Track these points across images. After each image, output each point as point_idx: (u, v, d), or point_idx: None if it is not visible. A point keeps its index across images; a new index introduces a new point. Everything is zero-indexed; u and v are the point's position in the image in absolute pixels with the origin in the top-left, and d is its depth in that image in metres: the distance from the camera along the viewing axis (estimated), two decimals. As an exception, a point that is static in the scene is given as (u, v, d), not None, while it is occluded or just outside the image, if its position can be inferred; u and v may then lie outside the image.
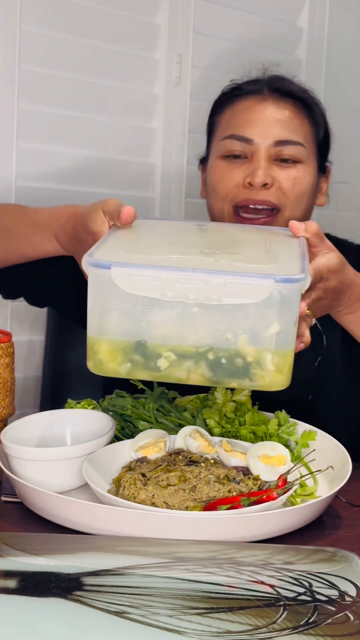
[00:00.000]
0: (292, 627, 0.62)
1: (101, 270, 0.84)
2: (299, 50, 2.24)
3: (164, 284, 0.84)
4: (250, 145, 1.30)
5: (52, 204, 1.81)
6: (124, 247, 0.93)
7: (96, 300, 0.87)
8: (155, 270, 0.84)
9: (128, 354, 0.87)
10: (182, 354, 0.87)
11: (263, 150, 1.29)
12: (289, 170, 1.30)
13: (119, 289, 0.84)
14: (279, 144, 1.29)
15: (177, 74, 1.97)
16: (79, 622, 0.62)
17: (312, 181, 1.33)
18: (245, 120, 1.31)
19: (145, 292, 0.84)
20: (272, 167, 1.30)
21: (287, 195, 1.30)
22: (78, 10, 1.81)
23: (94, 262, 0.85)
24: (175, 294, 0.84)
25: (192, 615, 0.63)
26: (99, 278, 0.85)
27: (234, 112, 1.34)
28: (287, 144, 1.30)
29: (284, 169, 1.30)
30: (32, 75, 1.75)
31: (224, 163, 1.32)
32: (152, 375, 0.88)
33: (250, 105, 1.32)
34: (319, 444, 1.04)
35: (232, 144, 1.31)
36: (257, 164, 1.29)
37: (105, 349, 0.88)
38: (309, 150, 1.33)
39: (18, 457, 0.95)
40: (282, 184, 1.30)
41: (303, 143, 1.31)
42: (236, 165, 1.31)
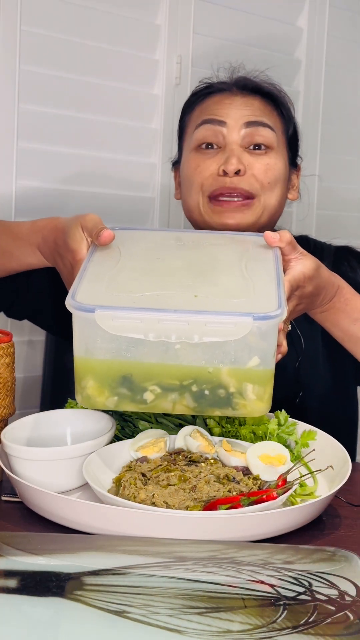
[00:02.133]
0: (292, 627, 0.62)
1: (85, 314, 0.87)
2: (298, 50, 2.24)
3: (147, 326, 0.86)
4: (222, 129, 1.31)
5: (52, 204, 1.82)
6: (105, 280, 0.95)
7: (81, 339, 0.90)
8: (137, 312, 0.86)
9: (115, 388, 0.91)
10: (167, 387, 0.91)
11: (235, 135, 1.31)
12: (261, 157, 1.32)
13: (103, 331, 0.87)
14: (250, 125, 1.31)
15: (177, 74, 1.97)
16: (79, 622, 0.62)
17: (284, 169, 1.35)
18: (215, 108, 1.33)
19: (129, 333, 0.87)
20: (244, 155, 1.31)
21: (261, 182, 1.31)
22: (78, 11, 1.81)
23: (78, 305, 0.88)
24: (158, 334, 0.87)
25: (192, 614, 0.63)
26: (83, 320, 0.88)
27: (203, 107, 1.36)
28: (257, 124, 1.31)
29: (256, 156, 1.32)
30: (32, 75, 1.75)
31: (197, 155, 1.34)
32: (139, 407, 0.92)
33: (220, 99, 1.35)
34: (318, 444, 1.05)
35: (205, 130, 1.33)
36: (229, 152, 1.30)
37: (92, 385, 0.91)
38: (279, 139, 1.35)
39: (18, 457, 0.95)
40: (255, 171, 1.31)
41: (273, 127, 1.33)
42: (209, 155, 1.32)
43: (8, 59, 1.70)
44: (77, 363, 0.91)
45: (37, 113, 1.77)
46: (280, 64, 2.19)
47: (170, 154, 1.99)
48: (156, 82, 1.97)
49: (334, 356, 1.37)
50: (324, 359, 1.39)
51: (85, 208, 1.87)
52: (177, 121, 2.00)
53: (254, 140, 1.32)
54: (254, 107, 1.34)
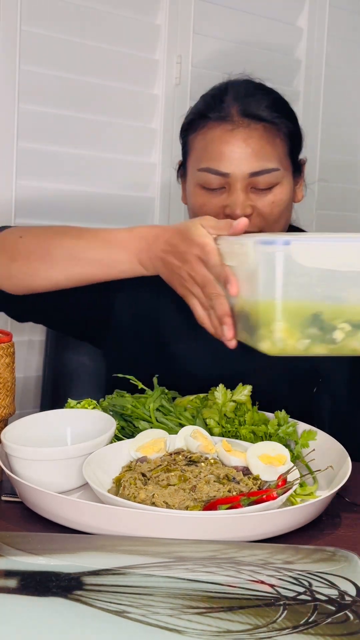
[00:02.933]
0: (292, 627, 0.62)
1: (278, 247, 0.87)
2: (298, 50, 2.25)
3: (342, 255, 0.87)
4: (226, 179, 1.29)
5: (52, 204, 1.82)
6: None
7: (271, 280, 0.88)
8: (334, 242, 0.88)
9: (305, 328, 0.89)
10: (357, 324, 0.90)
11: (239, 183, 1.28)
12: (267, 197, 1.30)
13: (297, 264, 0.87)
14: (254, 175, 1.28)
15: (177, 75, 1.97)
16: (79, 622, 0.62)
17: (289, 196, 1.34)
18: (218, 153, 1.29)
19: (323, 265, 0.87)
20: (249, 197, 1.29)
21: (267, 219, 1.31)
22: (78, 11, 1.81)
23: (270, 240, 0.88)
24: (353, 263, 0.87)
25: (192, 614, 0.63)
26: (274, 256, 0.88)
27: (206, 141, 1.32)
28: (262, 173, 1.28)
29: (262, 196, 1.30)
30: (32, 75, 1.75)
31: (203, 193, 1.32)
32: (329, 349, 0.91)
33: (221, 136, 1.30)
34: (318, 444, 1.05)
35: (207, 177, 1.30)
36: (235, 197, 1.28)
37: (283, 327, 0.89)
38: (285, 168, 1.33)
39: (18, 457, 0.95)
40: (262, 210, 1.30)
41: (278, 167, 1.30)
42: (214, 195, 1.31)
43: (8, 59, 1.70)
44: (262, 307, 0.89)
45: (37, 113, 1.77)
46: (280, 64, 2.19)
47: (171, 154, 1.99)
48: (156, 82, 1.97)
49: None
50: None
51: (85, 208, 1.88)
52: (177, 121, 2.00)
53: (259, 185, 1.29)
54: (257, 144, 1.29)
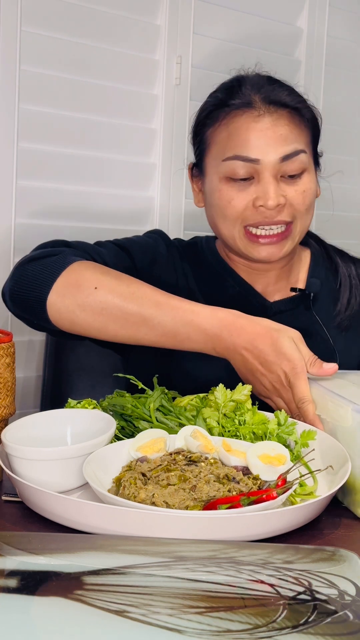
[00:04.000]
0: (292, 626, 0.62)
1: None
2: (298, 51, 2.25)
3: None
4: (256, 165, 1.25)
5: (51, 203, 1.82)
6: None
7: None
8: None
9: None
10: None
11: (270, 170, 1.25)
12: (298, 185, 1.28)
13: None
14: (285, 159, 1.26)
15: (177, 75, 1.98)
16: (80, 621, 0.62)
17: (315, 187, 1.33)
18: (245, 140, 1.26)
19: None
20: (281, 186, 1.26)
21: (299, 209, 1.29)
22: (78, 11, 1.81)
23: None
24: None
25: (192, 614, 0.63)
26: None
27: (229, 131, 1.28)
28: (292, 156, 1.26)
29: (293, 185, 1.27)
30: (32, 76, 1.75)
31: (229, 186, 1.27)
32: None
33: (247, 124, 1.27)
34: (318, 444, 1.05)
35: (235, 165, 1.26)
36: (267, 186, 1.25)
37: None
38: (310, 154, 1.31)
39: (18, 457, 0.95)
40: (293, 200, 1.27)
41: (305, 150, 1.29)
42: (243, 187, 1.27)
43: (8, 59, 1.71)
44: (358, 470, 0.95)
45: (37, 113, 1.77)
46: (280, 64, 2.19)
47: (171, 154, 1.99)
48: (156, 82, 1.97)
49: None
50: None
51: (85, 208, 1.88)
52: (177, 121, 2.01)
53: (289, 171, 1.27)
54: (284, 128, 1.27)
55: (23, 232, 1.78)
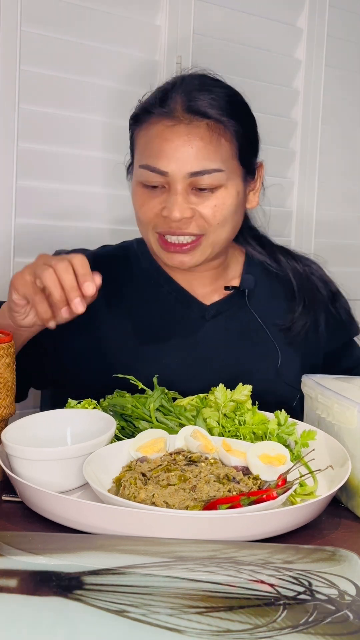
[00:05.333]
0: (292, 626, 0.62)
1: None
2: (298, 51, 2.25)
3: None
4: (165, 177, 1.23)
5: (52, 204, 1.82)
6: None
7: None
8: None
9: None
10: None
11: (179, 183, 1.22)
12: (209, 200, 1.23)
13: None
14: (194, 175, 1.22)
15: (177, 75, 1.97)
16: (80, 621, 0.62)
17: (235, 202, 1.26)
18: (158, 150, 1.22)
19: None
20: (190, 198, 1.23)
21: (210, 223, 1.24)
22: (78, 11, 1.81)
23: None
24: None
25: (192, 614, 0.63)
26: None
27: (148, 137, 1.25)
28: (203, 174, 1.22)
29: (203, 198, 1.23)
30: (32, 75, 1.75)
31: (143, 191, 1.26)
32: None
33: (161, 133, 1.23)
34: (318, 444, 1.05)
35: (147, 175, 1.24)
36: (173, 197, 1.22)
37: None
38: (230, 169, 1.25)
39: (18, 457, 0.95)
40: (203, 213, 1.24)
41: (221, 167, 1.23)
42: (155, 194, 1.25)
43: (8, 59, 1.70)
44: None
45: (37, 113, 1.77)
46: (280, 65, 2.19)
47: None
48: (156, 82, 1.96)
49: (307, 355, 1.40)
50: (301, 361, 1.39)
51: (85, 208, 1.88)
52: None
53: (199, 186, 1.23)
54: (198, 142, 1.22)
55: (23, 232, 1.78)
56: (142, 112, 1.29)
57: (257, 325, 1.37)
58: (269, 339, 1.36)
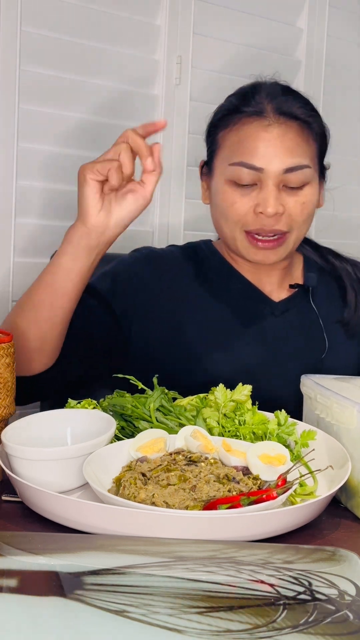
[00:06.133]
0: (292, 626, 0.62)
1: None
2: (298, 51, 2.25)
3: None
4: (259, 173, 1.29)
5: (51, 204, 1.82)
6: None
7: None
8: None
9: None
10: None
11: (272, 179, 1.29)
12: (298, 196, 1.31)
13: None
14: (288, 171, 1.29)
15: (177, 75, 1.98)
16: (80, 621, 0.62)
17: (316, 200, 1.35)
18: (253, 148, 1.30)
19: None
20: (281, 195, 1.30)
21: (296, 219, 1.32)
22: (78, 11, 1.81)
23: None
24: None
25: (192, 614, 0.63)
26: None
27: (239, 136, 1.32)
28: (295, 170, 1.29)
29: (293, 195, 1.31)
30: (32, 75, 1.75)
31: (233, 190, 1.32)
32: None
33: (256, 132, 1.31)
34: (318, 444, 1.05)
35: (240, 172, 1.30)
36: (267, 194, 1.29)
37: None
38: (314, 169, 1.34)
39: (18, 457, 0.95)
40: (292, 210, 1.31)
41: (309, 164, 1.32)
42: (245, 192, 1.31)
43: (8, 59, 1.71)
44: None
45: (37, 113, 1.77)
46: (280, 64, 2.19)
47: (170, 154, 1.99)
48: (156, 82, 1.97)
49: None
50: (347, 352, 1.45)
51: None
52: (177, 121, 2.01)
53: (291, 183, 1.30)
54: (292, 141, 1.30)
55: (23, 232, 1.78)
56: (231, 113, 1.35)
57: (317, 321, 1.44)
58: (322, 338, 1.43)
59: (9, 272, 1.78)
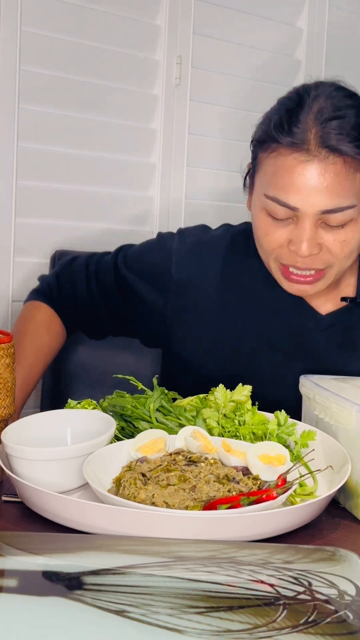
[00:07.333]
0: (292, 626, 0.62)
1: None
2: (298, 51, 2.25)
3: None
4: (294, 212, 1.17)
5: (52, 204, 1.82)
6: None
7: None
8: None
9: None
10: None
11: (309, 219, 1.16)
12: (338, 234, 1.18)
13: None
14: (326, 212, 1.16)
15: (177, 75, 1.98)
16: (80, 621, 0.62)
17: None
18: (289, 185, 1.15)
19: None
20: (318, 233, 1.18)
21: (335, 256, 1.20)
22: (78, 11, 1.81)
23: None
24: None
25: (192, 614, 0.63)
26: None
27: (275, 167, 1.18)
28: (335, 212, 1.16)
29: (332, 234, 1.18)
30: (32, 75, 1.75)
31: (268, 220, 1.21)
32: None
33: (293, 167, 1.15)
34: (318, 444, 1.05)
35: (274, 207, 1.18)
36: (302, 234, 1.17)
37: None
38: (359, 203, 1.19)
39: (18, 457, 0.95)
40: (330, 248, 1.19)
41: (354, 203, 1.17)
42: (281, 224, 1.20)
43: (8, 59, 1.71)
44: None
45: (37, 113, 1.77)
46: (280, 64, 2.19)
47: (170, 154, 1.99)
48: (156, 82, 1.97)
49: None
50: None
51: (85, 208, 1.88)
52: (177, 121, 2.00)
53: (331, 222, 1.17)
54: (333, 179, 1.14)
55: (23, 232, 1.78)
56: (268, 139, 1.19)
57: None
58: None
59: (9, 272, 1.78)
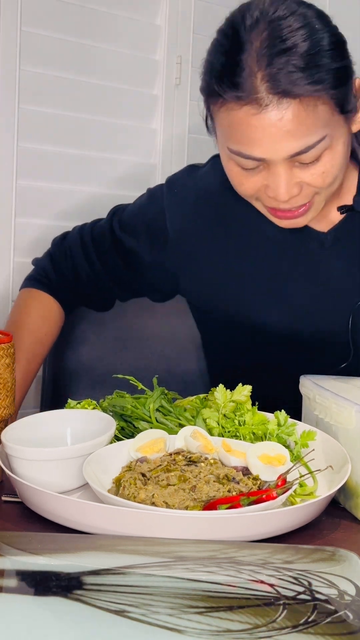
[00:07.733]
0: (292, 626, 0.62)
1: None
2: (298, 50, 2.25)
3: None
4: (261, 162, 1.09)
5: (52, 204, 1.82)
6: None
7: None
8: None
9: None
10: None
11: (279, 165, 1.08)
12: (315, 168, 1.09)
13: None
14: (295, 155, 1.07)
15: (177, 75, 1.98)
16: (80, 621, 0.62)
17: (343, 155, 1.12)
18: (248, 138, 1.07)
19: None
20: (294, 173, 1.10)
21: (320, 188, 1.12)
22: (78, 11, 1.81)
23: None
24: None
25: (192, 614, 0.63)
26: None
27: (229, 120, 1.08)
28: (305, 151, 1.07)
29: (309, 169, 1.09)
30: (32, 75, 1.75)
31: (238, 169, 1.13)
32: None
33: (248, 120, 1.06)
34: (318, 444, 1.05)
35: (240, 159, 1.10)
36: (276, 179, 1.09)
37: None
38: (333, 127, 1.09)
39: (18, 457, 0.95)
40: (311, 183, 1.11)
41: (323, 136, 1.07)
42: (253, 173, 1.12)
43: (8, 59, 1.71)
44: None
45: (37, 113, 1.77)
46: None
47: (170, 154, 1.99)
48: (156, 82, 1.97)
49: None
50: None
51: (85, 207, 1.88)
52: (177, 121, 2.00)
53: (304, 160, 1.08)
54: (293, 122, 1.05)
55: (23, 231, 1.78)
56: (214, 93, 1.09)
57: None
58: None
59: (9, 272, 1.78)
